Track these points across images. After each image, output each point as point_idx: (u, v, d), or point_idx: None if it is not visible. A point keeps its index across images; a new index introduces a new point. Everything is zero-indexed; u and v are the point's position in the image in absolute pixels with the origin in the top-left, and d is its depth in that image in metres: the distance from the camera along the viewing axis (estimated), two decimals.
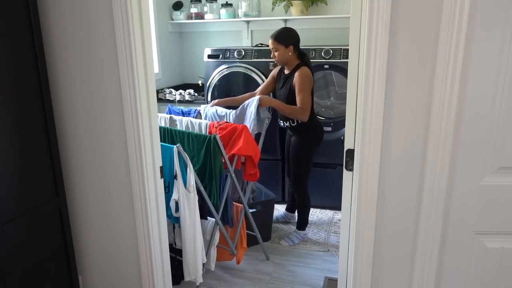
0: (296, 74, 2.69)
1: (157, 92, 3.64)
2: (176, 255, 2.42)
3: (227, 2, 3.95)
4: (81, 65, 1.76)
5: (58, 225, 1.92)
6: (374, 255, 1.53)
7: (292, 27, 2.86)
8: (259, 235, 2.76)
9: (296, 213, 3.31)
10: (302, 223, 3.08)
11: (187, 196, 2.18)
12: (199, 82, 4.29)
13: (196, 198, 2.23)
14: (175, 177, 2.15)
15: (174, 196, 2.16)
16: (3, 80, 1.59)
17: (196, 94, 3.93)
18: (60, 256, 1.96)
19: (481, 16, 1.22)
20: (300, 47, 2.80)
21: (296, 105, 2.70)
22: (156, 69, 4.10)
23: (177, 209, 2.21)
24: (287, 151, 3.09)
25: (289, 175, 3.18)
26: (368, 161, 1.42)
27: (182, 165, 2.18)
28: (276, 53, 2.75)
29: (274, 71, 3.00)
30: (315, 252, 2.91)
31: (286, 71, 2.83)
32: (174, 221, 2.31)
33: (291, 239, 3.03)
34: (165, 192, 2.01)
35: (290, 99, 2.74)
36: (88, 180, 1.92)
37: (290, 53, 2.72)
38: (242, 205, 2.60)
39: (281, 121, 2.94)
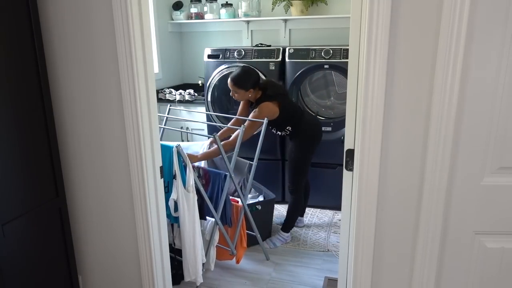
0: (255, 110, 2.69)
1: (157, 92, 3.64)
2: (176, 255, 2.42)
3: (227, 2, 3.95)
4: (81, 65, 1.76)
5: (58, 225, 1.92)
6: (374, 255, 1.53)
7: (250, 66, 2.88)
8: (259, 235, 2.76)
9: (303, 217, 3.33)
10: (288, 225, 3.04)
11: (186, 196, 2.18)
12: (199, 82, 4.29)
13: (196, 198, 2.23)
14: (174, 177, 2.15)
15: (173, 196, 2.16)
16: (3, 80, 1.59)
17: (196, 94, 3.93)
18: (60, 256, 1.96)
19: (481, 16, 1.22)
20: (261, 82, 2.83)
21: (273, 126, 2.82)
22: (156, 69, 4.10)
23: (176, 209, 2.21)
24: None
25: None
26: (368, 161, 1.42)
27: (181, 165, 2.18)
28: (236, 95, 2.76)
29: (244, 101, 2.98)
30: (315, 252, 2.91)
31: (253, 104, 2.83)
32: (173, 221, 2.31)
33: (273, 242, 3.00)
34: (165, 192, 2.01)
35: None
36: (88, 180, 1.92)
37: (250, 95, 2.74)
38: (241, 205, 2.60)
39: (278, 132, 2.93)
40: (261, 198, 3.13)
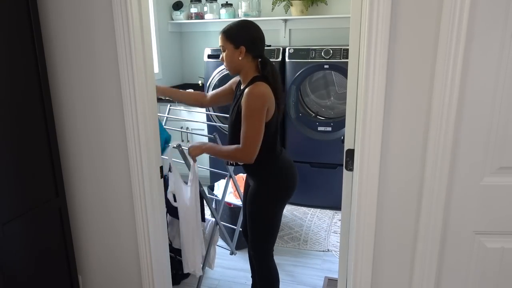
0: (246, 91, 1.78)
1: None
2: (176, 255, 2.42)
3: (227, 2, 3.95)
4: (81, 65, 1.76)
5: (58, 225, 1.92)
6: (374, 255, 1.53)
7: (256, 24, 1.89)
8: None
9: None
10: None
11: (185, 188, 2.14)
12: (199, 82, 4.29)
13: (197, 188, 2.18)
14: (170, 169, 2.10)
15: (171, 188, 2.11)
16: (3, 80, 1.59)
17: None
18: (60, 256, 1.96)
19: (481, 16, 1.22)
20: (264, 54, 1.90)
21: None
22: (156, 69, 4.10)
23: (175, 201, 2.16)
24: (243, 201, 2.21)
25: (245, 235, 2.17)
26: (368, 161, 1.42)
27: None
28: (223, 54, 1.91)
29: (236, 78, 2.06)
30: (315, 252, 2.91)
31: (242, 85, 1.92)
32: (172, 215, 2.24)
33: None
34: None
35: (237, 123, 1.83)
36: (88, 180, 1.92)
37: (240, 58, 1.83)
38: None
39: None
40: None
